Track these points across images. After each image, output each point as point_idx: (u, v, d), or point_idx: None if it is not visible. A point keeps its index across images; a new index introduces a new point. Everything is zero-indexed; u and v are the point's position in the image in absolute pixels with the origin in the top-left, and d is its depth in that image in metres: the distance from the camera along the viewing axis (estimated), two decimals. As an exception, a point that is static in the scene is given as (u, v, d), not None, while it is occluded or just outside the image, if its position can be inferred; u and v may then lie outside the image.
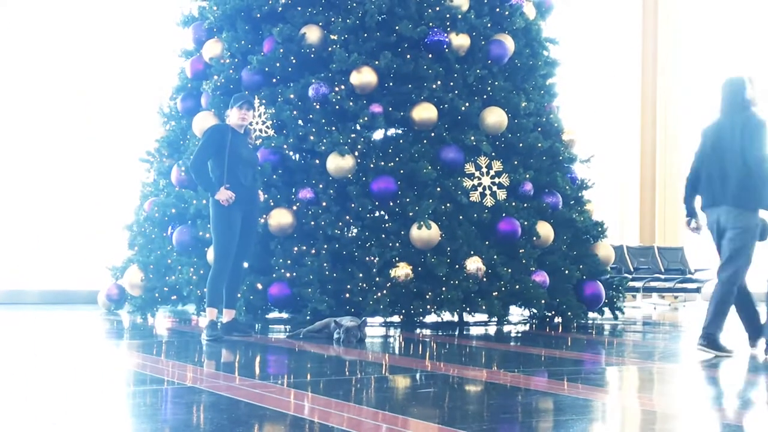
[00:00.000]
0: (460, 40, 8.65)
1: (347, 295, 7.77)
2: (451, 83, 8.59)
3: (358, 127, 8.24)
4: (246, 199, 6.42)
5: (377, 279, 7.78)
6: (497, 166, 8.42)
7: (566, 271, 8.72)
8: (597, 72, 15.33)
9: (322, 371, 4.82)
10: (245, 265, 6.85)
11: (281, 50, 8.41)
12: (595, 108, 15.11)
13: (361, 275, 7.79)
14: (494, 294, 8.11)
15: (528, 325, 8.58)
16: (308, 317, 7.48)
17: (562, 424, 3.19)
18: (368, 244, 7.94)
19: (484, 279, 8.07)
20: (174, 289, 8.32)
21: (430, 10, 8.57)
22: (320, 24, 8.52)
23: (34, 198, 11.15)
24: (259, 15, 8.73)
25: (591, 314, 9.15)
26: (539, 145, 8.79)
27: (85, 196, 11.29)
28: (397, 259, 7.88)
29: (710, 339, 5.75)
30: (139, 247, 8.92)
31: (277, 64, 8.45)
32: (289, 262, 7.84)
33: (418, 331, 7.57)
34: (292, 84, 8.43)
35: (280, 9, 8.65)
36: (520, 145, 8.76)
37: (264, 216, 7.78)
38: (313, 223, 7.93)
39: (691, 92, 16.11)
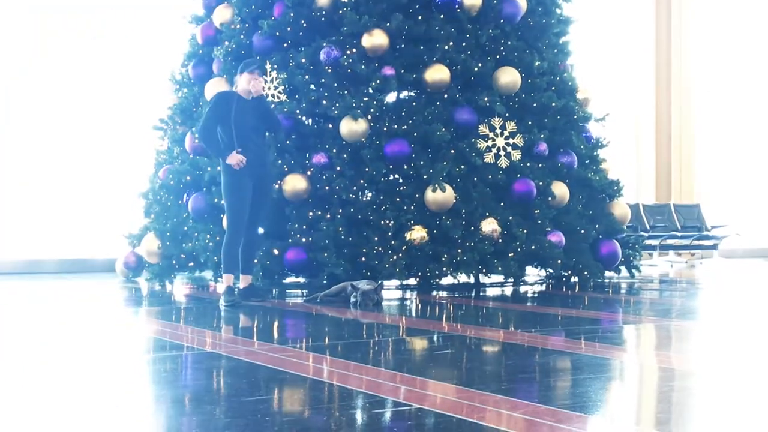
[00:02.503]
0: (472, 0, 8.55)
1: (363, 258, 7.78)
2: (464, 44, 8.50)
3: (371, 91, 8.19)
4: (256, 164, 6.42)
5: (393, 242, 7.79)
6: (511, 126, 8.36)
7: (582, 231, 8.70)
8: (611, 29, 15.14)
9: (340, 334, 4.84)
10: (260, 230, 6.87)
11: (291, 14, 8.34)
12: (610, 65, 14.94)
13: (376, 239, 7.80)
14: (510, 255, 8.11)
15: (544, 285, 8.59)
16: (325, 281, 7.51)
17: (580, 383, 3.20)
18: (383, 208, 7.94)
19: (500, 240, 8.06)
20: (191, 255, 8.36)
21: (440, -30, 8.46)
22: (330, -14, 8.43)
23: (50, 168, 11.19)
24: (268, -21, 8.65)
25: (607, 273, 9.13)
26: (553, 104, 8.71)
27: (101, 165, 11.32)
28: (412, 222, 7.87)
29: None
30: (155, 215, 8.95)
31: (288, 29, 8.39)
32: (304, 227, 7.85)
33: (434, 293, 7.59)
34: (304, 48, 8.37)
35: (289, -28, 8.57)
36: (534, 104, 8.68)
37: (278, 182, 7.78)
38: (327, 187, 7.93)
39: (707, 48, 15.90)
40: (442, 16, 8.42)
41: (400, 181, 8.13)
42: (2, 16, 11.07)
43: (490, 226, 8.00)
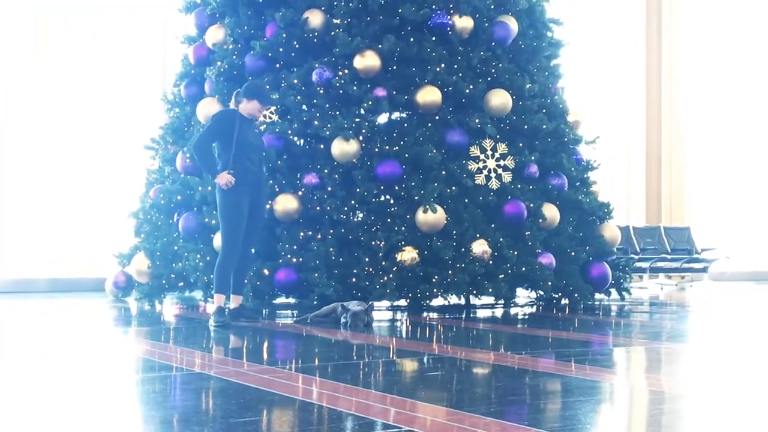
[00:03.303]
0: (464, 22, 8.61)
1: (354, 279, 7.77)
2: (455, 66, 8.55)
3: (363, 112, 8.21)
4: (253, 184, 6.42)
5: (383, 263, 7.78)
6: (502, 148, 8.39)
7: (573, 253, 8.71)
8: (601, 52, 15.25)
9: (330, 356, 4.83)
10: (252, 251, 6.86)
11: (284, 35, 8.38)
12: (601, 88, 15.04)
13: (367, 259, 7.79)
14: (501, 276, 8.11)
15: (535, 307, 8.59)
16: (315, 302, 7.49)
17: (570, 406, 3.20)
18: (374, 229, 7.94)
19: (491, 262, 8.07)
20: (181, 275, 8.33)
21: (432, -7, 8.52)
22: (323, 8, 8.48)
23: (41, 187, 11.16)
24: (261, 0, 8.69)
25: (598, 295, 9.14)
26: (544, 126, 8.75)
27: (91, 185, 11.30)
28: (403, 243, 7.87)
29: None
30: (146, 235, 8.93)
31: (281, 49, 8.42)
32: (295, 247, 7.84)
33: (425, 314, 7.58)
34: (296, 69, 8.40)
35: (282, -7, 8.61)
36: (525, 127, 8.72)
37: (269, 202, 7.78)
38: (318, 208, 7.93)
39: (698, 72, 16.02)
40: (434, 38, 8.47)
41: (391, 202, 8.14)
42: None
43: (480, 247, 8.01)
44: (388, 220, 7.99)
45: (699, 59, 16.06)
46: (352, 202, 8.01)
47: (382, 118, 8.57)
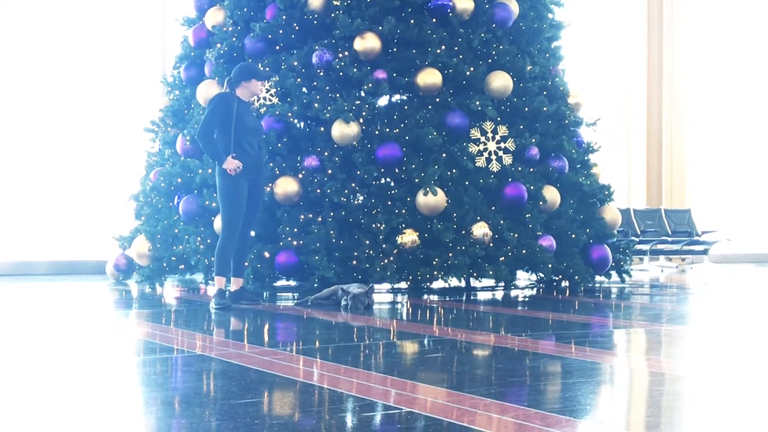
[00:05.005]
0: (464, 4, 8.56)
1: (354, 262, 7.78)
2: (456, 48, 8.52)
3: (363, 94, 8.19)
4: (252, 167, 6.42)
5: (384, 246, 7.79)
6: (503, 130, 8.38)
7: (573, 235, 8.71)
8: (603, 34, 15.19)
9: (331, 338, 4.84)
10: (252, 233, 6.87)
11: (284, 17, 8.34)
12: (602, 70, 14.99)
13: (367, 242, 7.79)
14: (501, 259, 8.12)
15: (535, 289, 8.60)
16: (316, 285, 7.50)
17: (570, 387, 3.21)
18: (374, 211, 7.94)
19: (491, 244, 8.07)
20: (181, 258, 8.35)
21: (433, -26, 8.48)
22: (323, -10, 8.44)
23: (41, 169, 11.15)
24: (260, -19, 8.65)
25: (598, 278, 9.15)
26: (545, 108, 8.73)
27: (92, 167, 11.29)
28: (403, 225, 7.87)
29: None
30: (146, 217, 8.93)
31: (280, 31, 8.39)
32: (295, 230, 7.84)
33: (425, 296, 7.59)
34: (296, 51, 8.38)
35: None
36: (526, 109, 8.70)
37: (270, 184, 7.78)
38: (319, 190, 7.92)
39: (699, 54, 15.97)
40: (434, 20, 8.43)
41: (392, 184, 8.13)
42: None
43: (481, 230, 8.01)
44: (389, 202, 7.98)
45: (701, 40, 15.99)
46: (353, 184, 8.00)
47: (383, 101, 8.55)
